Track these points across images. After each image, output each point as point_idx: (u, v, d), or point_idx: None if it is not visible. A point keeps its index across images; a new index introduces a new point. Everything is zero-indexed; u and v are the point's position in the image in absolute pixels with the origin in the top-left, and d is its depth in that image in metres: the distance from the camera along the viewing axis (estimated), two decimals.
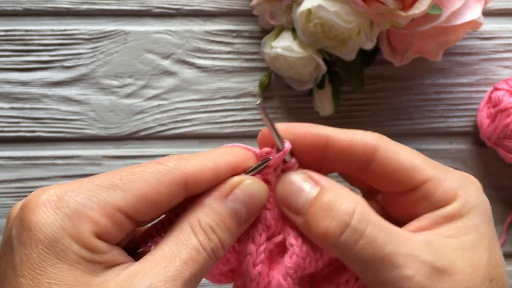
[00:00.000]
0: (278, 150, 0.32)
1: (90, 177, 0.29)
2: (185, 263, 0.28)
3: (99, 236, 0.27)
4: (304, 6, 0.56)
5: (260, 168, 0.32)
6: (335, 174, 0.36)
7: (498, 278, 0.30)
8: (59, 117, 0.66)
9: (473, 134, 0.67)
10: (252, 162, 0.32)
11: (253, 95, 0.67)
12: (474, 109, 0.67)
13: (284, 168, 0.33)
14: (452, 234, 0.30)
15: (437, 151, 0.67)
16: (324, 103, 0.64)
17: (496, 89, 0.63)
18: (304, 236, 0.32)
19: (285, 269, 0.32)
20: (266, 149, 0.32)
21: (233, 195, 0.31)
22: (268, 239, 0.33)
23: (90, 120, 0.66)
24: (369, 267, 0.29)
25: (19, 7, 0.65)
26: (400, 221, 0.32)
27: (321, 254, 0.32)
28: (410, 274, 0.28)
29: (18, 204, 0.29)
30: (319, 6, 0.55)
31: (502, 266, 0.31)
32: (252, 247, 0.32)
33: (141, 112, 0.66)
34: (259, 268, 0.32)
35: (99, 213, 0.27)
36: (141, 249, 0.32)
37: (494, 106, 0.62)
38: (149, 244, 0.32)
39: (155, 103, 0.66)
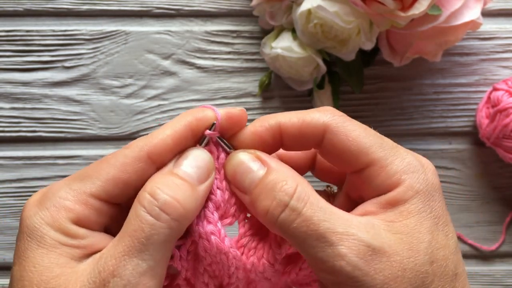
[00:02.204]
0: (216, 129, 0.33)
1: (71, 175, 0.32)
2: (131, 235, 0.28)
3: (77, 222, 0.30)
4: (304, 7, 0.56)
5: (210, 132, 0.33)
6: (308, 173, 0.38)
7: (441, 260, 0.30)
8: (59, 117, 0.66)
9: (473, 134, 0.68)
10: (209, 120, 0.33)
11: (253, 95, 0.67)
12: (473, 109, 0.67)
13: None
14: (394, 218, 0.30)
15: (436, 151, 0.68)
16: (324, 103, 0.64)
17: (495, 89, 0.63)
18: None
19: (273, 253, 0.33)
20: (218, 112, 0.33)
21: (178, 162, 0.32)
22: (220, 219, 0.33)
23: (90, 120, 0.66)
24: (306, 245, 0.29)
25: (20, 8, 0.65)
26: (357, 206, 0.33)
27: None
28: (344, 252, 0.28)
29: None
30: (319, 7, 0.55)
31: (447, 248, 0.30)
32: (211, 226, 0.32)
33: (142, 112, 0.66)
34: (227, 242, 0.32)
35: (74, 201, 0.30)
36: None
37: (493, 106, 0.63)
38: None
39: (155, 103, 0.66)
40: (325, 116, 0.33)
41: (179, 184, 0.30)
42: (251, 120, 0.68)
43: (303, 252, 0.30)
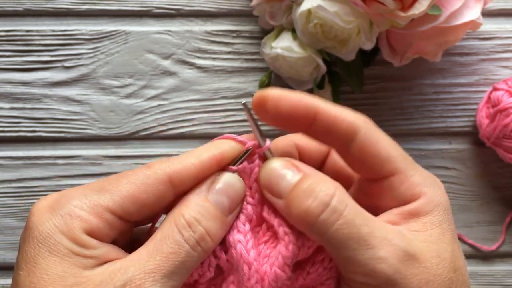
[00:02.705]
0: (260, 147, 0.34)
1: (85, 184, 0.32)
2: (166, 257, 0.30)
3: (90, 233, 0.30)
4: (304, 7, 0.56)
5: (242, 159, 0.34)
6: None
7: (461, 269, 0.32)
8: (59, 117, 0.66)
9: (473, 134, 0.68)
10: (235, 152, 0.34)
11: (253, 95, 0.67)
12: (474, 109, 0.67)
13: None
14: (419, 228, 0.32)
15: (436, 151, 0.68)
16: None
17: (495, 89, 0.63)
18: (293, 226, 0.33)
19: (283, 259, 0.33)
20: (251, 142, 0.34)
21: (213, 187, 0.32)
22: (253, 233, 0.34)
23: (90, 120, 0.66)
24: (345, 247, 0.30)
25: (20, 8, 0.65)
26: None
27: (313, 242, 0.33)
28: (384, 255, 0.30)
29: None
30: (319, 7, 0.55)
31: (462, 258, 0.33)
32: (240, 236, 0.33)
33: (142, 112, 0.66)
34: (253, 254, 0.33)
35: (89, 212, 0.30)
36: None
37: (493, 106, 0.63)
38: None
39: (155, 103, 0.66)
40: (360, 118, 0.34)
41: (213, 215, 0.31)
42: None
43: (339, 255, 0.31)
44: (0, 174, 0.66)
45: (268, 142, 0.34)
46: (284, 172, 0.33)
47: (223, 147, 0.33)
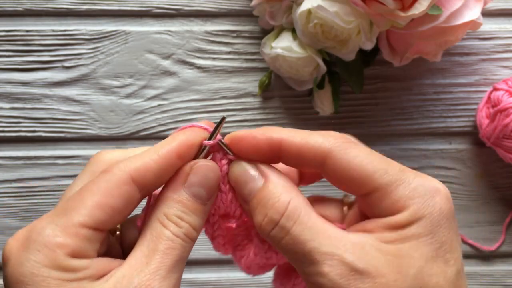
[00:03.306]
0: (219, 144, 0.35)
1: (48, 212, 0.31)
2: (164, 253, 0.31)
3: (74, 255, 0.29)
4: (304, 7, 0.56)
5: (203, 153, 0.34)
6: None
7: (432, 287, 0.29)
8: (59, 117, 0.66)
9: (473, 134, 0.68)
10: (193, 141, 0.34)
11: (253, 95, 0.67)
12: (474, 109, 0.67)
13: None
14: (390, 240, 0.30)
15: (436, 151, 0.68)
16: (324, 103, 0.64)
17: (495, 89, 0.63)
18: None
19: (250, 261, 0.36)
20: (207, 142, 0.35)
21: (189, 181, 0.33)
22: (224, 217, 0.36)
23: (90, 120, 0.66)
24: (293, 260, 0.31)
25: (20, 8, 0.65)
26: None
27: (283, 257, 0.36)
28: (326, 271, 0.29)
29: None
30: (319, 7, 0.55)
31: (442, 275, 0.30)
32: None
33: (142, 112, 0.66)
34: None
35: (65, 235, 0.29)
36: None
37: (493, 106, 0.63)
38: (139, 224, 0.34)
39: (155, 103, 0.66)
40: (327, 141, 0.32)
41: (193, 209, 0.33)
42: (250, 120, 0.68)
43: (293, 264, 0.32)
44: (0, 174, 0.66)
45: (219, 136, 0.34)
46: (249, 175, 0.34)
47: (180, 138, 0.33)
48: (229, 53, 0.67)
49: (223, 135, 0.35)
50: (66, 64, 0.66)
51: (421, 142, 0.68)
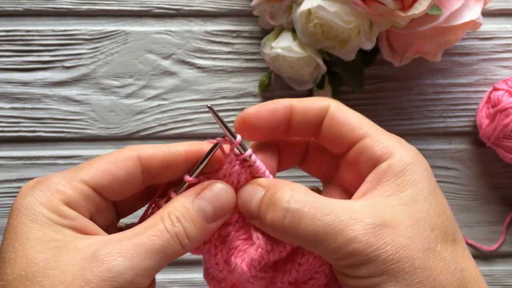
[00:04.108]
0: (232, 143, 0.36)
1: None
2: (149, 238, 0.32)
3: (68, 204, 0.33)
4: (304, 7, 0.56)
5: (212, 153, 0.36)
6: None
7: (441, 226, 0.33)
8: (59, 117, 0.66)
9: (473, 134, 0.68)
10: (206, 149, 0.36)
11: (253, 95, 0.67)
12: (474, 109, 0.67)
13: (240, 158, 0.36)
14: (391, 192, 0.33)
15: (436, 151, 0.68)
16: None
17: (495, 89, 0.63)
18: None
19: (251, 260, 0.35)
20: (220, 138, 0.36)
21: (202, 194, 0.35)
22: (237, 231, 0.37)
23: (90, 120, 0.66)
24: (317, 241, 0.32)
25: (20, 8, 0.65)
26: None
27: (285, 247, 0.36)
28: (353, 236, 0.31)
29: None
30: (319, 7, 0.55)
31: (443, 216, 0.33)
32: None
33: (142, 112, 0.66)
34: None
35: (66, 186, 0.33)
36: None
37: (493, 106, 0.63)
38: None
39: (155, 103, 0.66)
40: (327, 100, 0.37)
41: (193, 219, 0.34)
42: None
43: (317, 250, 0.32)
44: (0, 174, 0.66)
45: (238, 137, 0.36)
46: (250, 194, 0.36)
47: (197, 143, 0.36)
48: (229, 53, 0.67)
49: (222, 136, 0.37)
50: (66, 64, 0.66)
51: (421, 142, 0.68)
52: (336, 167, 0.39)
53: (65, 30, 0.66)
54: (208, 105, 0.37)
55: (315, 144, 0.40)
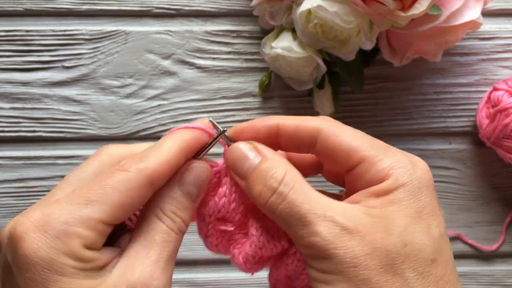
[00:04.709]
0: (219, 134, 0.38)
1: (66, 196, 0.33)
2: (161, 245, 0.33)
3: (88, 247, 0.31)
4: (304, 7, 0.56)
5: (208, 148, 0.37)
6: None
7: (416, 244, 0.32)
8: (59, 117, 0.66)
9: (473, 134, 0.68)
10: (199, 142, 0.37)
11: (253, 95, 0.67)
12: (474, 109, 0.67)
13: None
14: (375, 205, 0.33)
15: (436, 151, 0.68)
16: (324, 103, 0.64)
17: (495, 89, 0.63)
18: (264, 228, 0.37)
19: (246, 254, 0.38)
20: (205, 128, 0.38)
21: (184, 179, 0.36)
22: (220, 220, 0.38)
23: (90, 120, 0.66)
24: (289, 224, 0.33)
25: (20, 8, 0.65)
26: None
27: (275, 245, 0.37)
28: (319, 230, 0.32)
29: (5, 230, 0.32)
30: (319, 7, 0.55)
31: (426, 234, 0.32)
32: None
33: (142, 112, 0.66)
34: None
35: (84, 228, 0.31)
36: (127, 227, 0.36)
37: (493, 106, 0.63)
38: (131, 220, 0.36)
39: (155, 103, 0.66)
40: (319, 121, 0.36)
41: (185, 206, 0.35)
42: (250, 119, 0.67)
43: (288, 231, 0.34)
44: (0, 174, 0.66)
45: (221, 128, 0.37)
46: (246, 153, 0.36)
47: (187, 137, 0.36)
48: (229, 53, 0.67)
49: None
50: (66, 64, 0.66)
51: (421, 142, 0.68)
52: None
53: (65, 30, 0.66)
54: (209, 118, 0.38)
55: None
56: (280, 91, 0.67)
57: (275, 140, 0.37)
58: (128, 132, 0.66)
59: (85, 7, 0.66)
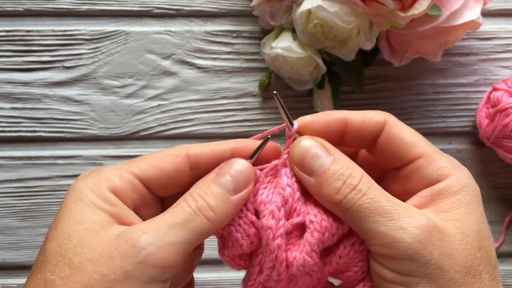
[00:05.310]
0: (289, 130, 0.38)
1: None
2: (171, 214, 0.34)
3: (114, 191, 0.35)
4: (304, 7, 0.56)
5: (261, 148, 0.37)
6: None
7: (486, 248, 0.33)
8: (59, 117, 0.66)
9: (472, 134, 0.68)
10: (253, 147, 0.38)
11: (253, 95, 0.67)
12: (473, 109, 0.67)
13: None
14: (446, 208, 0.34)
15: None
16: (324, 103, 0.64)
17: (495, 89, 0.63)
18: (323, 214, 0.36)
19: (309, 245, 0.36)
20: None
21: (220, 170, 0.36)
22: (287, 218, 0.37)
23: (90, 120, 0.66)
24: (367, 219, 0.33)
25: (20, 8, 0.65)
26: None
27: (337, 229, 0.36)
28: (405, 226, 0.32)
29: None
30: (319, 7, 0.55)
31: (489, 239, 0.34)
32: (272, 222, 0.36)
33: (142, 112, 0.66)
34: (278, 241, 0.36)
35: (115, 175, 0.35)
36: None
37: (493, 106, 0.63)
38: None
39: (155, 103, 0.66)
40: (384, 114, 0.38)
41: (215, 193, 0.35)
42: (250, 120, 0.68)
43: (363, 228, 0.33)
44: (0, 174, 0.66)
45: (296, 124, 0.38)
46: (316, 151, 0.36)
47: (243, 141, 0.38)
48: (229, 53, 0.67)
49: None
50: (66, 64, 0.66)
51: None
52: (381, 176, 0.40)
53: (65, 30, 0.66)
54: (275, 92, 0.38)
55: (364, 153, 0.41)
56: (280, 91, 0.67)
57: (342, 134, 0.38)
58: (128, 132, 0.66)
59: (85, 7, 0.66)
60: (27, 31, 0.65)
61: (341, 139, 0.38)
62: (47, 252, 0.33)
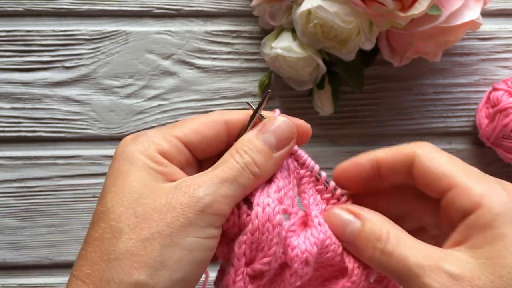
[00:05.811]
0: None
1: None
2: (222, 170, 0.36)
3: (162, 154, 0.37)
4: (304, 7, 0.56)
5: (265, 100, 0.39)
6: None
7: None
8: (60, 117, 0.66)
9: (472, 134, 0.68)
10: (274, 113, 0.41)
11: (253, 95, 0.67)
12: (473, 109, 0.67)
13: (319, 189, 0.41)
14: (480, 244, 0.33)
15: None
16: (324, 103, 0.64)
17: (495, 89, 0.63)
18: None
19: (313, 237, 0.38)
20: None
21: (264, 128, 0.38)
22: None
23: (90, 120, 0.66)
24: (401, 279, 0.35)
25: (20, 8, 0.65)
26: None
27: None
28: (427, 282, 0.32)
29: None
30: (319, 7, 0.55)
31: None
32: (269, 199, 0.38)
33: (142, 112, 0.66)
34: (278, 217, 0.38)
35: (161, 139, 0.38)
36: None
37: (493, 106, 0.63)
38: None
39: (155, 103, 0.66)
40: (412, 147, 0.38)
41: (259, 149, 0.37)
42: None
43: (403, 285, 0.35)
44: (0, 174, 0.66)
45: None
46: (343, 221, 0.38)
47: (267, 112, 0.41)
48: (229, 53, 0.67)
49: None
50: (67, 64, 0.66)
51: None
52: (418, 207, 0.41)
53: (65, 30, 0.66)
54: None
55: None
56: (280, 91, 0.67)
57: (377, 172, 0.39)
58: (128, 132, 0.66)
59: (85, 7, 0.66)
60: (27, 31, 0.65)
61: (379, 178, 0.39)
62: (108, 204, 0.35)
